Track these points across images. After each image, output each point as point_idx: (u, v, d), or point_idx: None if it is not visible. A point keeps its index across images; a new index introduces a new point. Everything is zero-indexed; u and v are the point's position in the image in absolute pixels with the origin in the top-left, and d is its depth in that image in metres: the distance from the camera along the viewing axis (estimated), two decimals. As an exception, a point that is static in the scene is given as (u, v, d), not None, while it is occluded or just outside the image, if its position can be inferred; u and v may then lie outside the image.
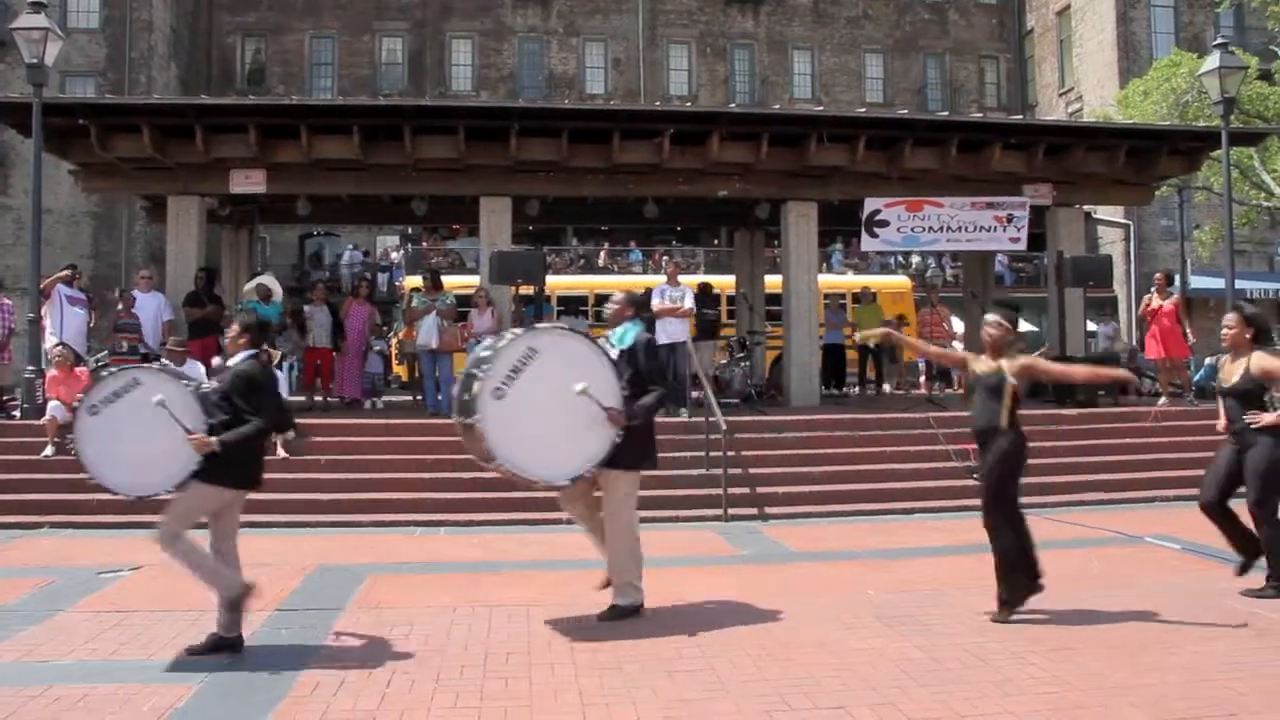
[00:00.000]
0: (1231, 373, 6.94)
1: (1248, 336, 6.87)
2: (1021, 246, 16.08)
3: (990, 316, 6.79)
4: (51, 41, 13.36)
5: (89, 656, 5.78)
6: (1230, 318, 7.01)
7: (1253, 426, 6.68)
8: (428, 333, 13.86)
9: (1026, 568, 6.47)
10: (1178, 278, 21.89)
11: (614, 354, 6.54)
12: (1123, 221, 31.76)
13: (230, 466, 5.72)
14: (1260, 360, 6.77)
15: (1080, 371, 8.07)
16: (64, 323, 13.27)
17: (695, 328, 17.01)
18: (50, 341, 13.04)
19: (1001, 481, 6.46)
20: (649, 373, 6.59)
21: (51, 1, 20.01)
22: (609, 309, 7.04)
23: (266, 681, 5.27)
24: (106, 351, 13.86)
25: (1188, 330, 14.96)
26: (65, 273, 13.98)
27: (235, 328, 6.20)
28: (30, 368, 12.71)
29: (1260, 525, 6.77)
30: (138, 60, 32.10)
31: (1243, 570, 6.96)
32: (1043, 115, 36.15)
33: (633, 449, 6.44)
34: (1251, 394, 6.81)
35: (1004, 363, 6.51)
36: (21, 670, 5.52)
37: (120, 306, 14.02)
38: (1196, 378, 16.41)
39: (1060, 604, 6.65)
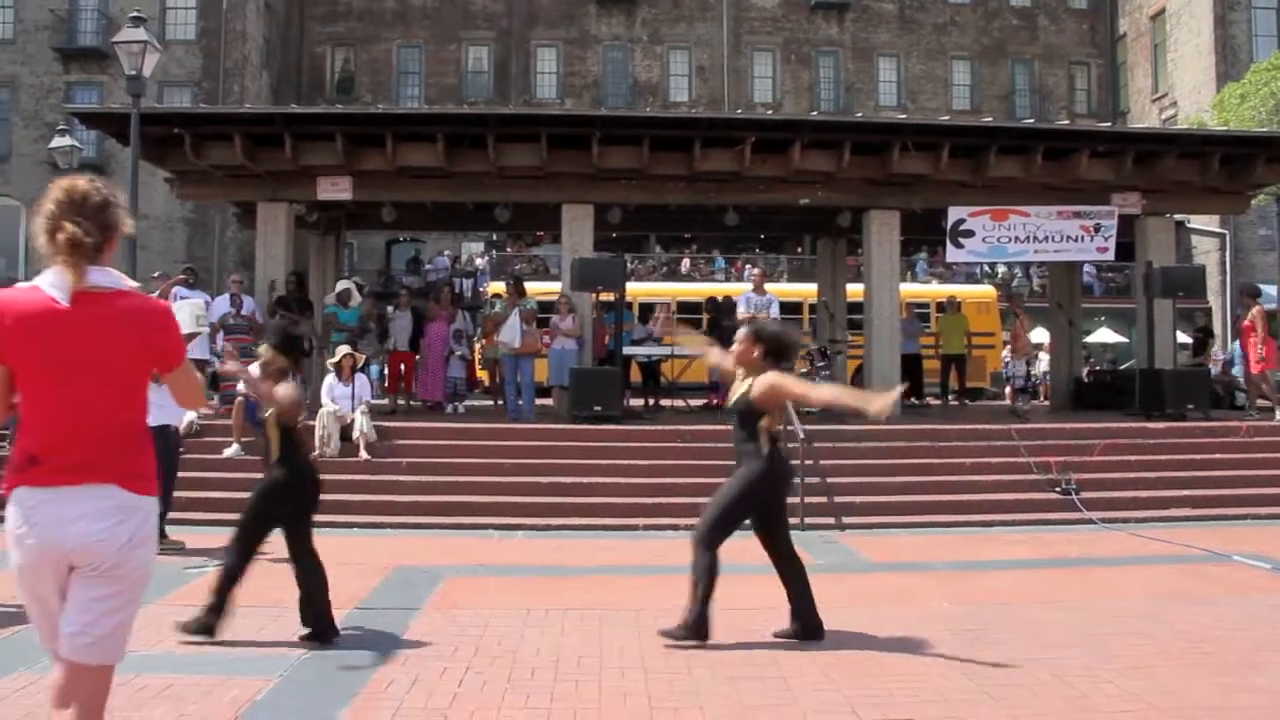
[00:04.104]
0: (734, 392, 6.35)
1: (756, 355, 6.13)
2: (1110, 257, 15.78)
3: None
4: (150, 54, 13.85)
5: (173, 648, 5.95)
6: (741, 333, 6.34)
7: None
8: (510, 333, 14.01)
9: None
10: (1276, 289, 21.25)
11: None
12: (1218, 231, 30.90)
13: None
14: (763, 381, 6.05)
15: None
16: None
17: (717, 339, 16.95)
18: None
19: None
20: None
21: (150, 14, 20.67)
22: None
23: (342, 677, 5.39)
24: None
25: (1260, 344, 14.54)
26: (181, 276, 14.38)
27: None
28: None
29: None
30: (231, 70, 33.00)
31: None
32: (1135, 122, 35.40)
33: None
34: (745, 416, 6.16)
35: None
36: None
37: (230, 309, 14.30)
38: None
39: (1138, 619, 6.52)
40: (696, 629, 6.02)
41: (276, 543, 6.26)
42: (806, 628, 6.17)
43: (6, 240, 33.19)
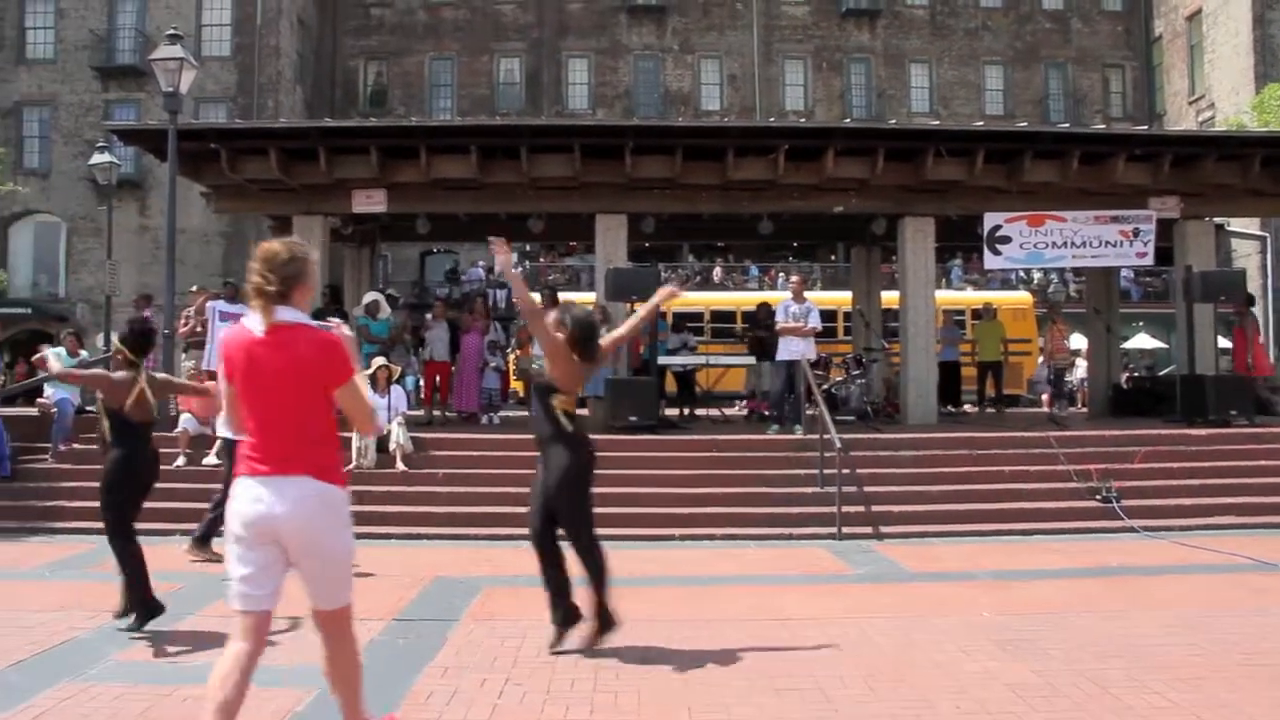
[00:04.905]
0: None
1: (562, 337, 6.17)
2: (1149, 261, 15.61)
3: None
4: (186, 71, 14.00)
5: (215, 660, 5.99)
6: (551, 316, 6.45)
7: None
8: (543, 346, 14.04)
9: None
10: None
11: None
12: (1259, 234, 30.51)
13: None
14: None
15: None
16: (215, 338, 13.72)
17: (748, 347, 16.97)
18: (195, 359, 13.60)
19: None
20: None
21: (186, 32, 20.92)
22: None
23: (382, 689, 5.39)
24: None
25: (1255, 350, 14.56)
26: (224, 290, 14.54)
27: None
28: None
29: None
30: (266, 85, 33.34)
31: None
32: (1172, 124, 35.06)
33: None
34: (543, 392, 6.42)
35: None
36: (153, 670, 5.77)
37: None
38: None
39: (1185, 629, 6.43)
40: (606, 622, 6.15)
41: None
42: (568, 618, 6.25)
43: (49, 255, 33.68)
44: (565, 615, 6.21)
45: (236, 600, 4.11)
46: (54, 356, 6.51)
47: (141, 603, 6.58)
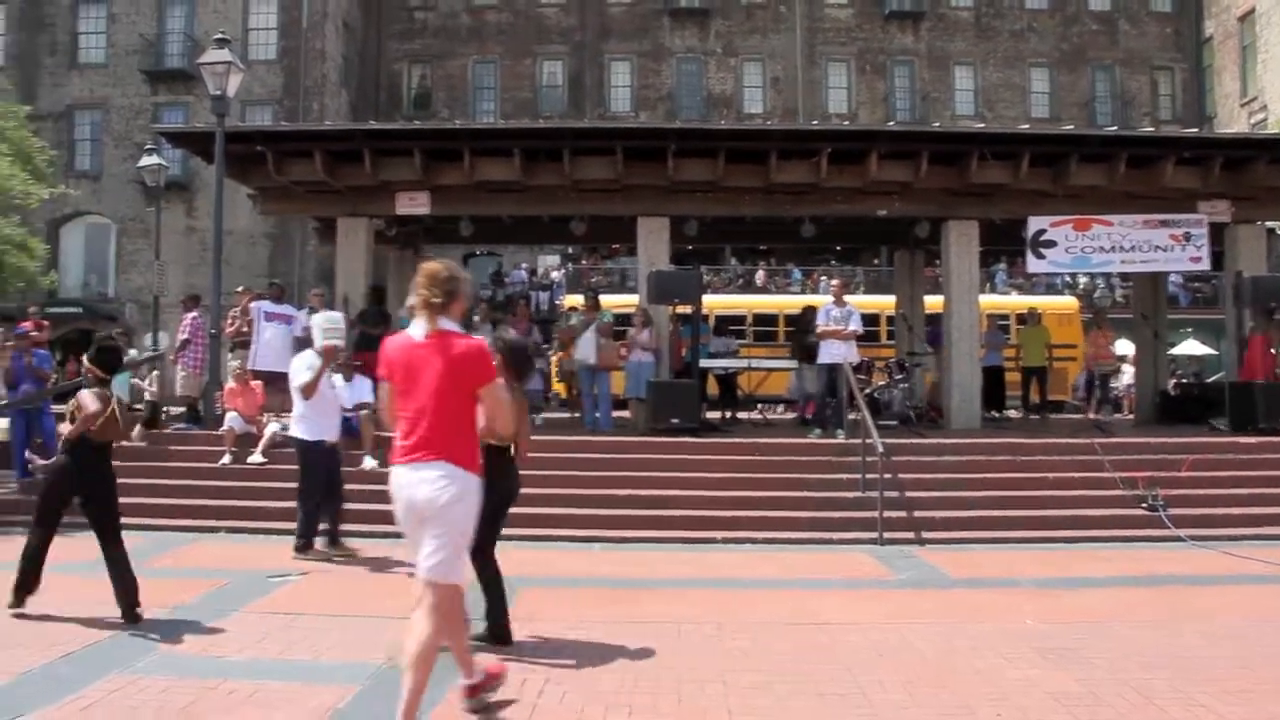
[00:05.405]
0: None
1: (497, 362, 5.87)
2: (1203, 266, 15.31)
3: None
4: (233, 74, 14.17)
5: (260, 655, 6.08)
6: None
7: None
8: (586, 349, 14.11)
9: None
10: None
11: None
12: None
13: None
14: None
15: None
16: (260, 338, 13.89)
17: (792, 351, 16.90)
18: (241, 358, 13.76)
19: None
20: None
21: (233, 36, 21.16)
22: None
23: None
24: None
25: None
26: (272, 291, 14.71)
27: None
28: (203, 380, 13.52)
29: None
30: (311, 89, 33.64)
31: None
32: (1222, 127, 34.56)
33: None
34: None
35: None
36: (199, 663, 5.85)
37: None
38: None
39: (1233, 641, 6.34)
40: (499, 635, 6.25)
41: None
42: None
43: (99, 256, 34.19)
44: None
45: (412, 568, 4.75)
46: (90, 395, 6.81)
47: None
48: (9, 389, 14.16)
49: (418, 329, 4.70)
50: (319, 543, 9.30)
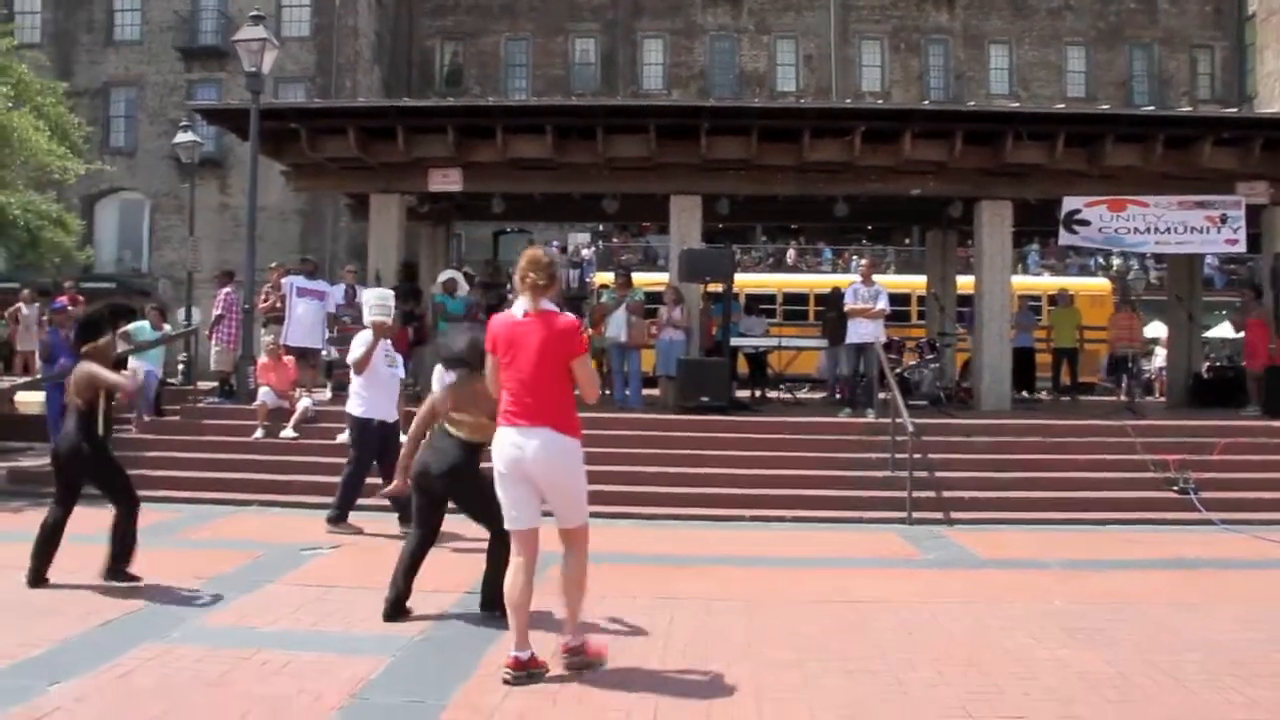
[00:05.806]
0: None
1: None
2: (1240, 249, 15.06)
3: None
4: (268, 51, 14.23)
5: (293, 626, 6.17)
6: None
7: None
8: (617, 327, 14.14)
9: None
10: None
11: None
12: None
13: None
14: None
15: None
16: (292, 313, 14.00)
17: (823, 330, 16.86)
18: (273, 333, 13.88)
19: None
20: None
21: (267, 13, 21.23)
22: None
23: (454, 659, 5.52)
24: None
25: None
26: (305, 266, 14.81)
27: None
28: (235, 354, 13.75)
29: None
30: (344, 65, 33.76)
31: None
32: (1264, 107, 34.02)
33: None
34: None
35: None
36: (233, 634, 5.94)
37: (343, 300, 14.61)
38: None
39: (1265, 624, 6.33)
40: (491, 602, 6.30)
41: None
42: None
43: (133, 233, 34.51)
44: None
45: (509, 523, 5.29)
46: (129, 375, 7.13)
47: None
48: (45, 363, 14.35)
49: (519, 307, 5.25)
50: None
